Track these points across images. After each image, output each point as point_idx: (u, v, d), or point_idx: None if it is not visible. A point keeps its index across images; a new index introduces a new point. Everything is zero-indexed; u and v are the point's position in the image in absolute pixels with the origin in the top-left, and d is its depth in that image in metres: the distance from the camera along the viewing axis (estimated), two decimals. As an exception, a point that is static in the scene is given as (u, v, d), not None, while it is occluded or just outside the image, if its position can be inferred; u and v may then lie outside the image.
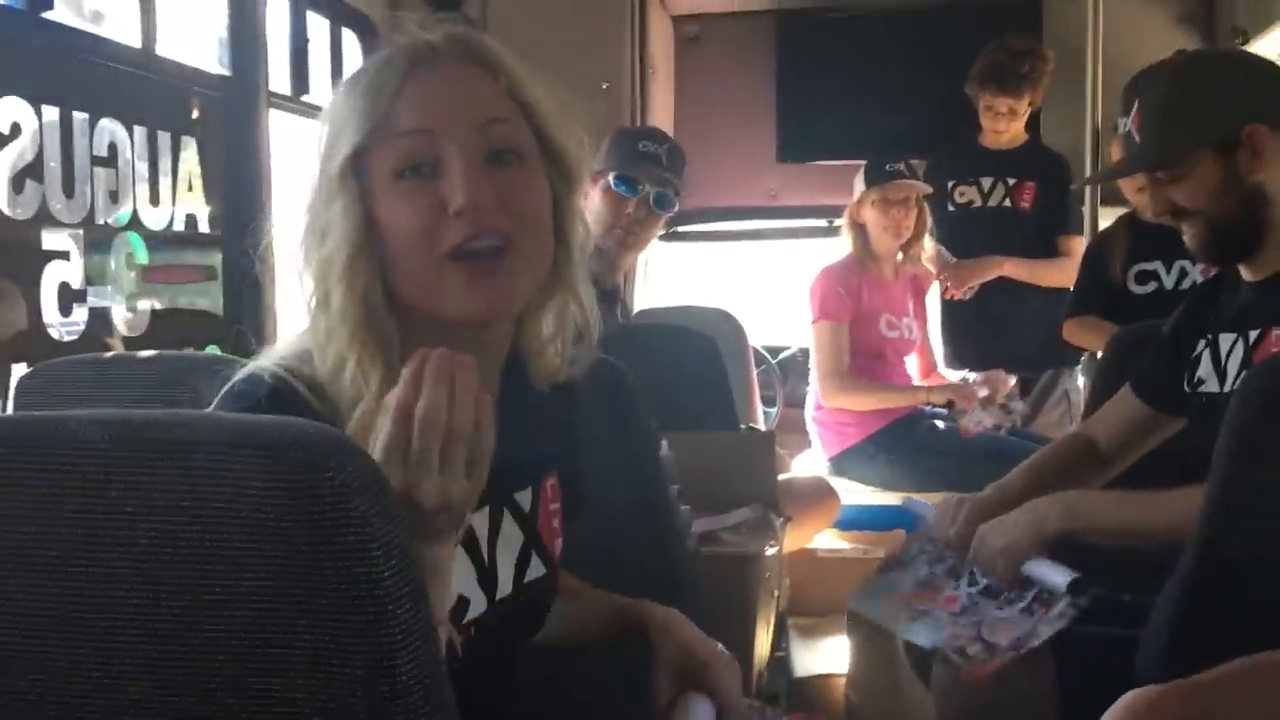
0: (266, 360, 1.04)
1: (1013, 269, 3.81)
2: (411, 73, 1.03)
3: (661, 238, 3.71)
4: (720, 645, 1.25)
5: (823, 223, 4.48)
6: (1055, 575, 1.60)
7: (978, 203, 3.91)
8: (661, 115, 4.03)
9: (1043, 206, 3.84)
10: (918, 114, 4.18)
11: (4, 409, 1.86)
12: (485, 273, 1.01)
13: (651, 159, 2.70)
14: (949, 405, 3.41)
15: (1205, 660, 1.13)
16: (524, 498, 1.16)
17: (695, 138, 3.96)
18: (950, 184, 3.91)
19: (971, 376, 3.52)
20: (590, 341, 1.15)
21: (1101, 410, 1.94)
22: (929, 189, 3.56)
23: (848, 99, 4.24)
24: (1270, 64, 1.86)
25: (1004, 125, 3.82)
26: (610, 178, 2.65)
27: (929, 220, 3.57)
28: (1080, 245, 3.66)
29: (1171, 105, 1.70)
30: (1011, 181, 3.86)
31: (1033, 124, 3.98)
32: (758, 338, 3.92)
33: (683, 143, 2.97)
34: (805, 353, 4.45)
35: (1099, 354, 2.96)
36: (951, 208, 3.90)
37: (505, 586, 1.13)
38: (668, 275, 4.51)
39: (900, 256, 3.55)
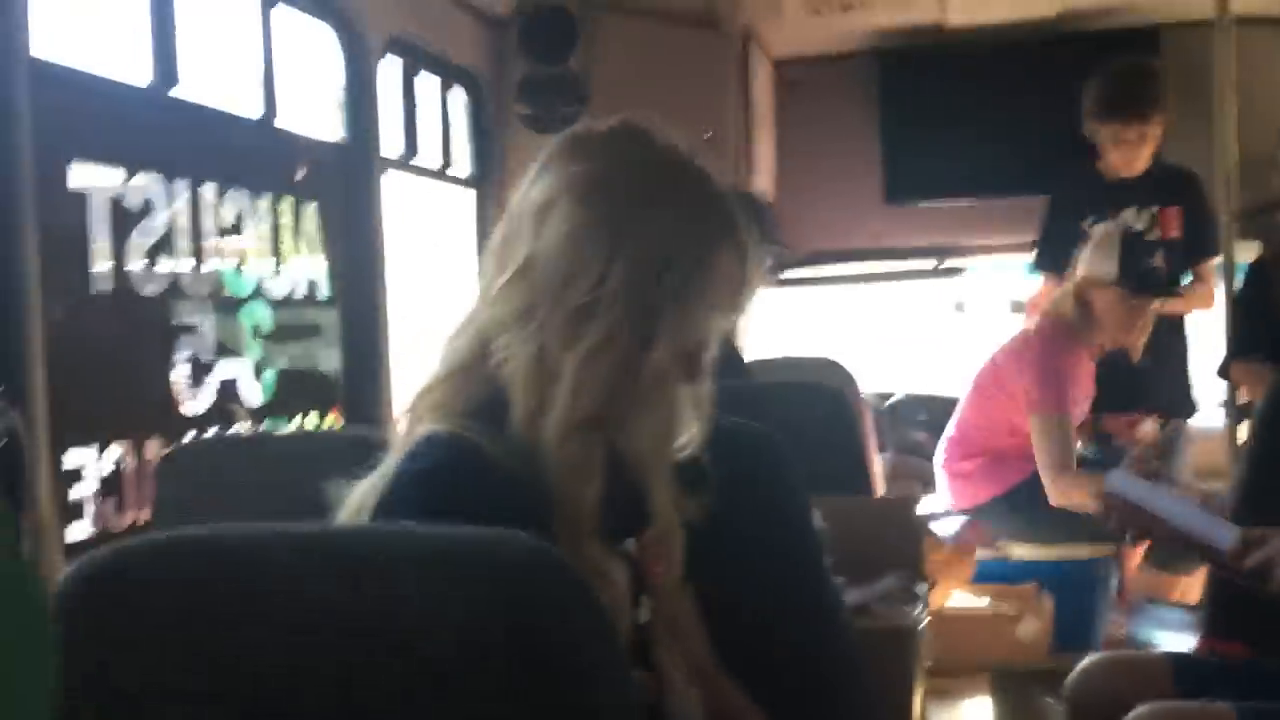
0: (442, 423, 1.06)
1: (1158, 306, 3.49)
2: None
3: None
4: None
5: (929, 264, 4.38)
6: None
7: None
8: (765, 161, 3.98)
9: (1191, 231, 3.44)
10: (1030, 149, 3.98)
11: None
12: None
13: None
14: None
15: None
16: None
17: (799, 182, 3.90)
18: (1090, 221, 3.39)
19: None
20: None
21: None
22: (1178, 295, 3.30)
23: (955, 137, 4.09)
24: None
25: (1136, 153, 3.42)
26: None
27: None
28: (1213, 268, 3.42)
29: None
30: (1155, 209, 3.47)
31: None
32: (862, 384, 3.81)
33: (787, 187, 2.90)
34: (914, 399, 4.32)
35: (1251, 398, 2.80)
36: None
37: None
38: (761, 321, 4.41)
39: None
